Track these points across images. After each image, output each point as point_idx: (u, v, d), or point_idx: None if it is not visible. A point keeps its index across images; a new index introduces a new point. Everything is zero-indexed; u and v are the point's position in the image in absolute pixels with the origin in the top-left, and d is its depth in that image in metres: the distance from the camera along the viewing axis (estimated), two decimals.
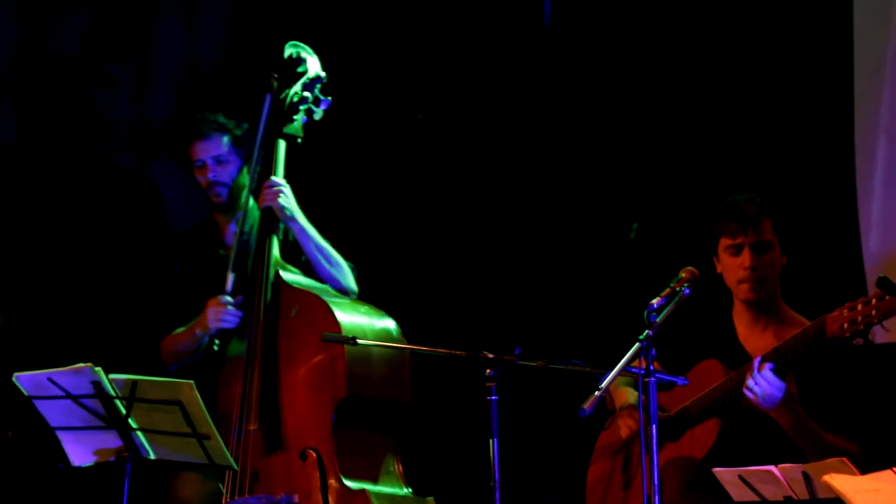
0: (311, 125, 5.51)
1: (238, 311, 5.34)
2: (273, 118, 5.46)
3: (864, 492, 3.74)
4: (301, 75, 5.50)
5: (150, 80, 6.97)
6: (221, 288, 5.39)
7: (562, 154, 6.71)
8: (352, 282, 5.54)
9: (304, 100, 5.47)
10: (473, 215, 6.78)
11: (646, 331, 4.37)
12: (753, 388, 4.54)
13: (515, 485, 5.31)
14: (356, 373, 5.15)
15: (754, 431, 4.66)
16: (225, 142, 5.60)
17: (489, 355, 4.66)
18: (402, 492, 5.20)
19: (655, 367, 4.37)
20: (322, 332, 5.10)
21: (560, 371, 4.73)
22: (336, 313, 5.19)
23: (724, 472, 4.12)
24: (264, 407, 5.23)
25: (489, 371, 4.63)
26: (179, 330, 5.50)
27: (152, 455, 4.79)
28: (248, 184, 5.58)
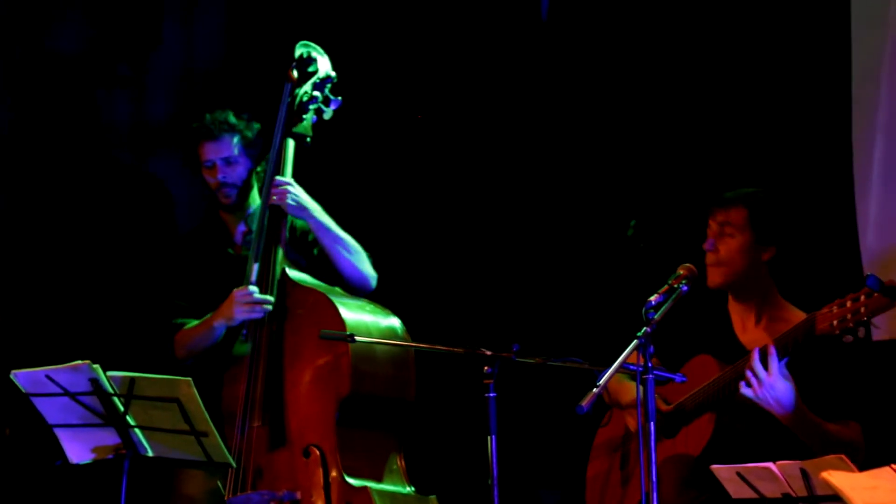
0: (321, 125, 5.51)
1: (270, 298, 5.33)
2: (283, 117, 5.47)
3: (863, 489, 3.73)
4: (312, 75, 5.49)
5: (149, 79, 6.98)
6: (229, 286, 5.39)
7: (560, 150, 6.71)
8: (370, 268, 5.55)
9: (313, 99, 5.46)
10: (471, 212, 6.79)
11: (644, 328, 4.38)
12: (753, 383, 4.52)
13: (514, 482, 5.31)
14: (360, 371, 5.16)
15: (749, 427, 4.66)
16: (235, 142, 5.59)
17: (487, 352, 4.67)
18: (405, 490, 5.21)
19: (654, 363, 4.38)
20: (321, 330, 5.11)
21: (558, 368, 4.75)
22: (341, 311, 5.20)
23: (721, 468, 4.12)
24: (269, 403, 5.24)
25: (487, 368, 4.64)
26: (193, 323, 5.49)
27: (150, 452, 4.80)
28: (257, 184, 5.59)
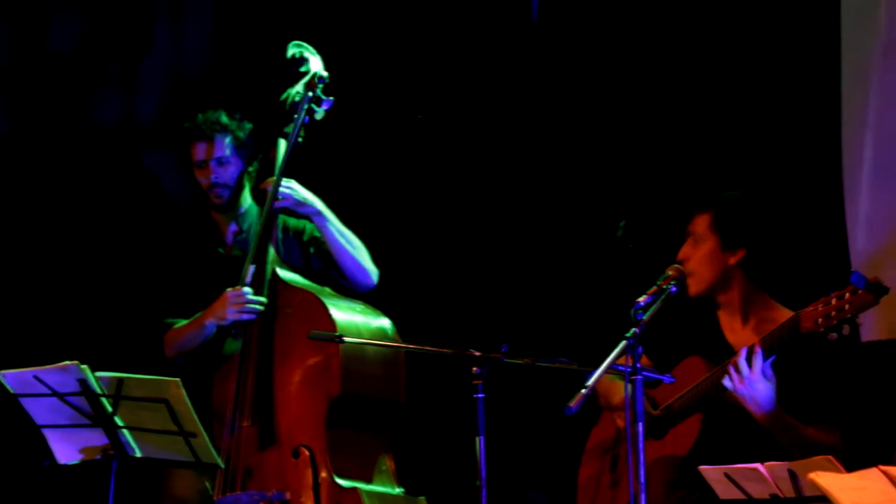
0: (313, 125, 5.50)
1: (262, 299, 5.33)
2: (274, 117, 5.47)
3: (850, 490, 3.73)
4: (303, 75, 5.49)
5: (140, 78, 6.97)
6: (220, 286, 5.38)
7: (549, 151, 6.71)
8: (372, 263, 5.55)
9: (306, 98, 5.46)
10: (460, 213, 6.78)
11: (632, 328, 4.38)
12: (734, 378, 4.52)
13: (502, 483, 5.31)
14: (351, 371, 5.16)
15: (737, 428, 4.66)
16: (227, 143, 5.59)
17: (476, 353, 4.67)
18: (395, 491, 5.21)
19: (643, 363, 4.37)
20: (310, 330, 5.11)
21: (547, 369, 4.74)
22: (332, 311, 5.20)
23: (709, 469, 4.11)
24: (258, 404, 5.23)
25: (476, 369, 4.64)
26: (182, 322, 5.48)
27: (138, 453, 4.79)
28: (249, 184, 5.59)
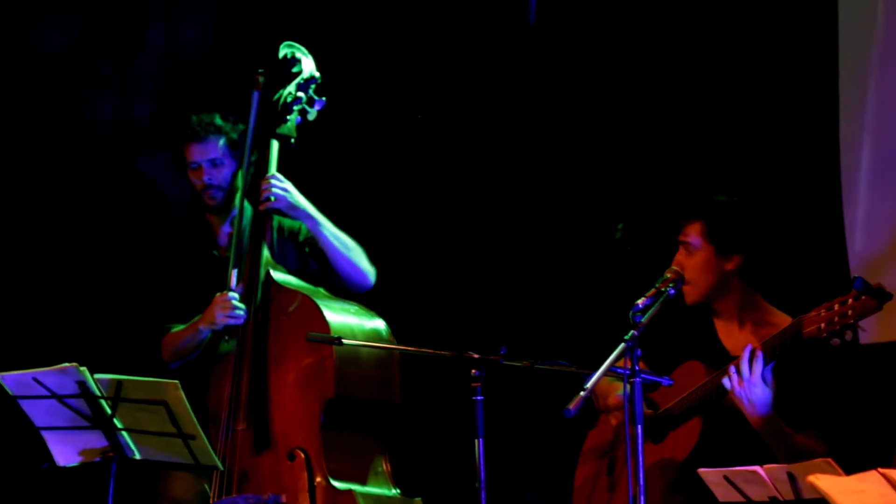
0: (305, 126, 5.50)
1: (245, 307, 5.32)
2: (267, 118, 5.45)
3: (850, 492, 3.73)
4: (296, 76, 5.48)
5: (134, 78, 6.97)
6: (215, 287, 5.38)
7: (547, 154, 6.71)
8: (368, 263, 5.54)
9: (297, 100, 5.44)
10: (458, 215, 6.78)
11: (631, 331, 4.38)
12: (734, 379, 4.53)
13: (501, 485, 5.31)
14: (345, 373, 5.15)
15: (736, 432, 4.66)
16: (221, 144, 5.58)
17: (474, 355, 4.67)
18: (390, 492, 5.20)
19: (641, 367, 4.38)
20: (307, 333, 5.11)
21: (545, 371, 4.74)
22: (325, 313, 5.19)
23: (708, 472, 4.12)
24: (253, 407, 5.23)
25: (474, 371, 4.64)
26: (179, 327, 5.49)
27: (137, 455, 4.79)
28: (241, 186, 5.59)
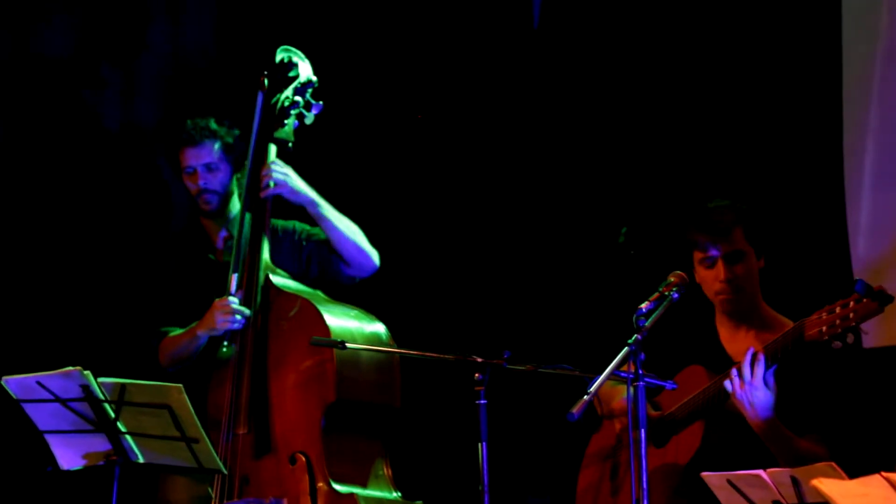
0: (303, 129, 5.50)
1: (246, 311, 5.32)
2: (265, 122, 5.45)
3: (853, 496, 3.73)
4: (293, 80, 5.48)
5: (138, 81, 6.97)
6: (212, 292, 5.38)
7: (551, 157, 6.71)
8: (370, 245, 5.54)
9: (295, 104, 5.44)
10: (462, 219, 6.78)
11: (634, 335, 4.38)
12: (735, 383, 4.52)
13: (504, 489, 5.31)
14: (345, 377, 5.15)
15: (739, 436, 4.66)
16: (216, 148, 5.59)
17: (478, 359, 4.67)
18: (392, 496, 5.20)
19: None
20: (311, 337, 5.11)
21: (549, 375, 4.74)
22: (326, 317, 5.19)
23: (712, 476, 4.11)
24: (254, 411, 5.23)
25: (478, 375, 4.64)
26: (177, 331, 5.49)
27: (141, 459, 4.79)
28: (237, 190, 5.59)
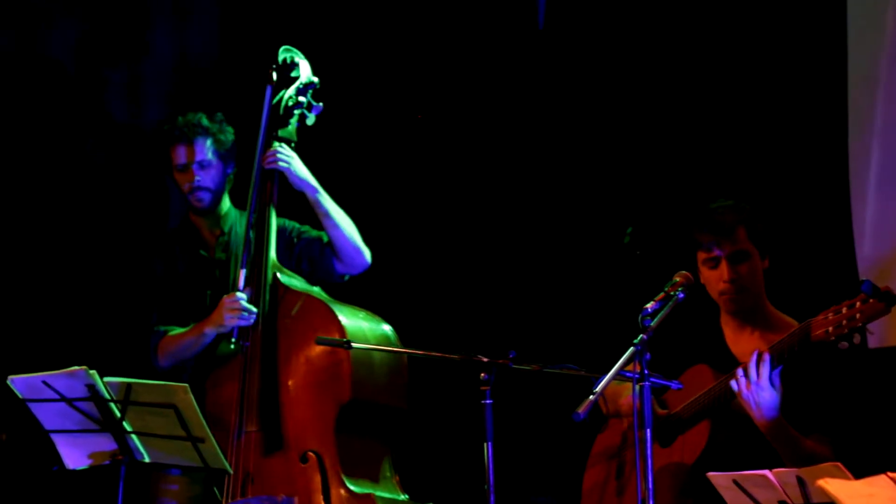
0: (304, 130, 5.52)
1: (254, 308, 5.31)
2: (272, 118, 5.47)
3: (859, 497, 3.73)
4: (295, 80, 5.51)
5: (144, 83, 6.98)
6: (204, 289, 5.40)
7: (556, 158, 6.71)
8: (364, 244, 5.55)
9: (298, 104, 5.48)
10: (467, 219, 6.78)
11: (640, 335, 4.38)
12: (742, 384, 4.53)
13: (509, 489, 5.31)
14: (360, 377, 5.16)
15: (745, 436, 4.66)
16: (208, 145, 5.59)
17: (484, 359, 4.67)
18: (400, 498, 5.21)
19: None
20: (317, 336, 5.12)
21: (554, 375, 4.74)
22: (340, 317, 5.20)
23: (718, 476, 4.11)
24: (263, 408, 5.23)
25: (484, 375, 4.64)
26: (177, 330, 5.49)
27: (147, 458, 4.80)
28: (228, 186, 5.60)
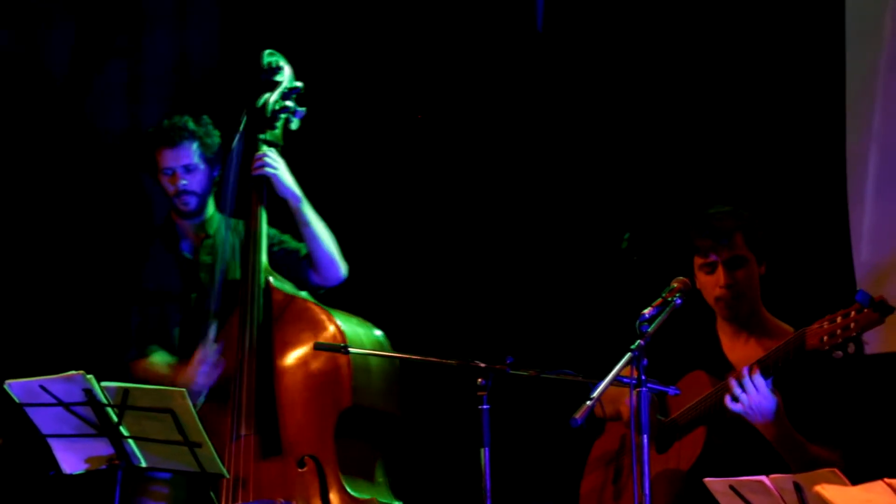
0: (289, 134, 5.54)
1: (217, 367, 5.33)
2: (254, 126, 5.49)
3: (856, 502, 3.74)
4: (279, 84, 5.54)
5: (143, 83, 6.98)
6: (188, 291, 5.43)
7: (554, 162, 6.71)
8: (341, 257, 5.55)
9: (284, 108, 5.51)
10: (465, 224, 6.78)
11: (637, 340, 4.38)
12: (742, 399, 4.54)
13: (506, 494, 5.31)
14: (360, 383, 5.18)
15: (740, 442, 4.66)
16: (195, 149, 5.59)
17: (481, 364, 4.67)
18: (395, 502, 5.22)
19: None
20: (315, 342, 5.13)
21: (552, 380, 4.74)
22: (339, 322, 5.22)
23: (715, 482, 4.11)
24: (259, 413, 5.24)
25: (481, 380, 4.64)
26: (157, 357, 5.50)
27: (143, 463, 4.80)
28: (213, 189, 5.60)
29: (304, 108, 5.55)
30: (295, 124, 5.55)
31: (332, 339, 5.18)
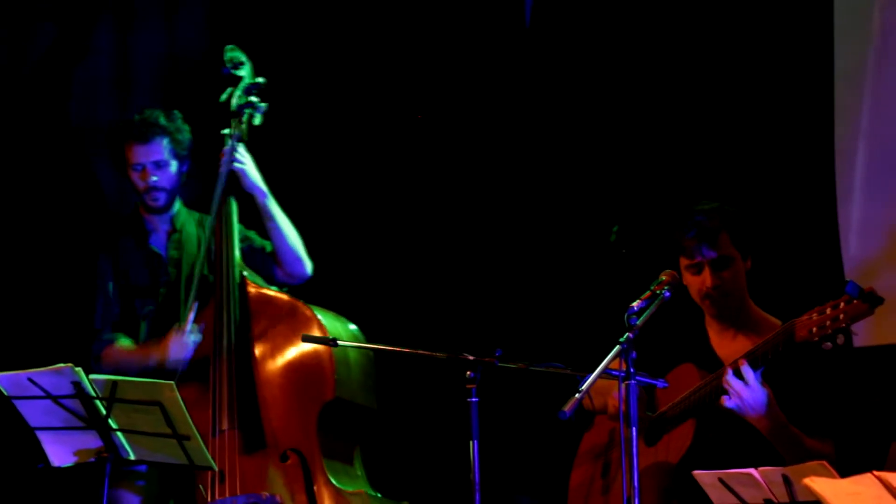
0: (252, 130, 5.56)
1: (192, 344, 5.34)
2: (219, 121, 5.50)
3: (845, 495, 3.73)
4: (240, 79, 5.54)
5: (132, 75, 6.96)
6: (155, 285, 5.43)
7: (542, 156, 6.71)
8: (306, 255, 5.55)
9: (248, 104, 5.51)
10: (453, 217, 6.78)
11: (626, 333, 4.38)
12: (733, 393, 4.54)
13: (495, 487, 5.32)
14: (342, 375, 5.17)
15: (730, 435, 4.66)
16: (165, 145, 5.59)
17: (469, 357, 4.67)
18: (378, 494, 5.22)
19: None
20: (303, 334, 5.12)
21: (540, 373, 4.74)
22: (318, 316, 5.21)
23: (703, 474, 4.12)
24: (241, 407, 5.23)
25: (469, 373, 4.64)
26: (125, 341, 5.50)
27: (132, 455, 4.79)
28: (180, 185, 5.60)
29: (265, 104, 5.54)
30: (258, 119, 5.56)
31: (315, 332, 5.18)
